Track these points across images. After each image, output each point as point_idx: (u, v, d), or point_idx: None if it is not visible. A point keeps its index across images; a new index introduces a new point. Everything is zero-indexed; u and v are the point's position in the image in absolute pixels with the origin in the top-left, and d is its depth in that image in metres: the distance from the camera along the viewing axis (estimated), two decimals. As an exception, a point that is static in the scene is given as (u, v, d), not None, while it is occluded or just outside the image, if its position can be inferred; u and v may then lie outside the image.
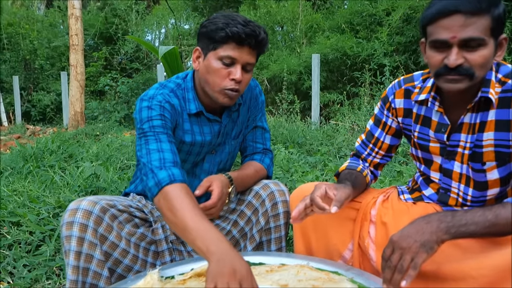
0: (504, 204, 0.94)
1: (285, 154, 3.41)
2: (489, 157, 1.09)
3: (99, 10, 10.92)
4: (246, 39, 1.19)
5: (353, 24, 7.65)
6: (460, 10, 0.94)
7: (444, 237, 0.93)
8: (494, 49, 0.99)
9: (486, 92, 1.04)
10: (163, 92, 1.28)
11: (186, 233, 1.01)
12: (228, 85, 1.22)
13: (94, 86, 9.33)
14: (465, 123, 1.11)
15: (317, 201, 1.08)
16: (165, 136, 1.21)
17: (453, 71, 0.99)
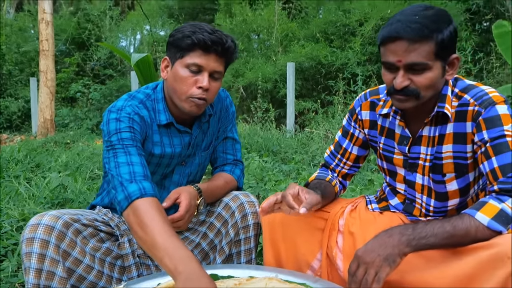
0: (461, 215, 0.97)
1: (259, 163, 3.41)
2: (448, 169, 1.13)
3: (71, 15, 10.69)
4: (212, 46, 1.18)
5: (328, 33, 7.81)
6: (403, 37, 0.99)
7: (406, 250, 0.95)
8: (441, 70, 1.04)
9: (442, 107, 1.09)
10: (132, 104, 1.25)
11: (154, 250, 1.00)
12: (195, 93, 1.21)
13: (65, 92, 9.11)
14: (424, 136, 1.14)
15: (288, 199, 1.10)
16: (134, 149, 1.18)
17: (400, 92, 1.04)
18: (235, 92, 7.85)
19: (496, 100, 1.03)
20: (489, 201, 0.96)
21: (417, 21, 0.99)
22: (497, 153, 1.00)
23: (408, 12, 1.02)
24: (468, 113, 1.06)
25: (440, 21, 1.00)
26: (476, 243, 0.95)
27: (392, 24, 1.01)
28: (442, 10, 1.04)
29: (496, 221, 0.93)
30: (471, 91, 1.08)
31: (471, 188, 1.15)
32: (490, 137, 1.02)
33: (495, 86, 6.05)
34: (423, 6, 1.03)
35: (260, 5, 8.72)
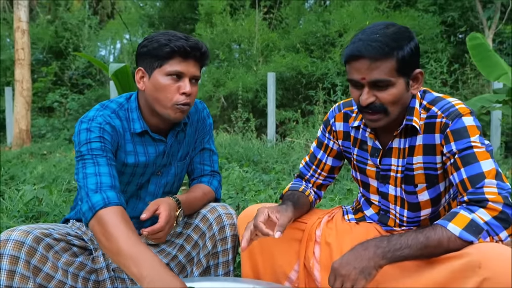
0: (434, 226, 0.99)
1: (239, 173, 3.40)
2: (419, 180, 1.15)
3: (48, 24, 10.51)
4: (191, 52, 1.21)
5: (308, 44, 7.92)
6: (364, 56, 1.02)
7: (381, 262, 0.96)
8: (405, 86, 1.07)
9: (410, 120, 1.12)
10: (103, 114, 1.25)
11: (120, 258, 1.01)
12: (180, 100, 1.22)
13: (42, 102, 8.91)
14: (395, 148, 1.17)
15: (261, 227, 1.09)
16: (104, 159, 1.18)
17: (367, 108, 1.07)
18: (216, 102, 7.85)
19: (462, 112, 1.07)
20: (460, 212, 0.98)
21: (377, 39, 1.02)
22: (465, 165, 1.03)
23: (369, 31, 1.05)
24: (436, 125, 1.09)
25: (401, 39, 1.03)
26: (449, 253, 0.96)
27: (354, 43, 1.04)
28: (403, 27, 1.07)
29: (467, 232, 0.95)
30: (439, 103, 1.11)
31: (442, 197, 1.18)
32: (458, 149, 1.04)
33: (470, 96, 6.25)
34: (384, 24, 1.06)
35: (241, 15, 8.79)
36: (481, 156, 1.02)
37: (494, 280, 0.88)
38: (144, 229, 1.15)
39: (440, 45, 7.06)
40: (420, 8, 7.48)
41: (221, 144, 4.92)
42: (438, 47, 7.01)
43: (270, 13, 9.11)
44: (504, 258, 0.89)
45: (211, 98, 7.91)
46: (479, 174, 1.00)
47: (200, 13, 8.97)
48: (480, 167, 1.01)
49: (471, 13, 7.38)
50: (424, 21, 7.15)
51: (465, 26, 7.44)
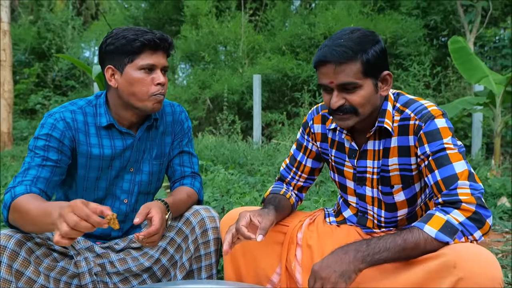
0: (411, 228, 1.01)
1: (224, 175, 3.40)
2: (395, 181, 1.18)
3: (31, 24, 10.33)
4: (160, 44, 1.25)
5: (293, 46, 7.96)
6: (330, 61, 1.06)
7: (361, 266, 0.98)
8: (374, 87, 1.10)
9: (382, 121, 1.14)
10: (65, 110, 1.29)
11: (39, 223, 1.06)
12: (155, 90, 1.26)
13: (24, 104, 8.74)
14: (369, 150, 1.20)
15: (243, 231, 1.10)
16: (39, 159, 1.23)
17: (337, 111, 1.11)
18: (201, 104, 7.82)
19: (434, 114, 1.09)
20: (436, 214, 1.01)
21: (342, 44, 1.06)
22: (439, 166, 1.05)
23: (335, 36, 1.10)
24: (410, 127, 1.12)
25: (364, 42, 1.07)
26: (426, 254, 0.99)
27: (321, 49, 1.09)
28: (369, 31, 1.11)
29: (443, 233, 0.97)
30: (411, 106, 1.14)
31: (418, 198, 1.20)
32: (432, 151, 1.07)
33: (452, 98, 6.36)
34: (350, 30, 1.10)
35: (226, 17, 8.79)
36: (454, 158, 1.05)
37: (469, 279, 0.90)
38: (138, 233, 1.14)
39: (423, 48, 7.18)
40: (404, 12, 7.60)
41: (207, 147, 4.91)
42: (421, 50, 7.13)
43: (256, 15, 9.14)
44: (478, 258, 0.92)
45: (196, 100, 7.88)
46: (452, 176, 1.03)
47: (186, 15, 8.93)
48: (453, 169, 1.03)
49: (453, 17, 7.53)
50: (407, 24, 7.27)
51: (447, 29, 7.59)
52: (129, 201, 1.38)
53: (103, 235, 1.40)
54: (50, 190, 1.25)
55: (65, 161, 1.27)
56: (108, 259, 1.34)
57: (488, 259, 0.92)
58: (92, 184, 1.33)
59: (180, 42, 8.71)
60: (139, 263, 1.36)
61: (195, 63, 8.89)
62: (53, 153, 1.25)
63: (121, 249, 1.38)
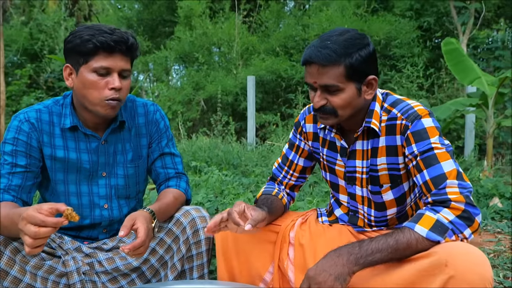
0: (402, 229, 1.01)
1: (219, 176, 3.39)
2: (384, 180, 1.18)
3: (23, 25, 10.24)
4: (116, 46, 1.18)
5: (287, 47, 7.97)
6: (314, 61, 1.07)
7: (355, 268, 0.98)
8: (357, 91, 1.10)
9: (369, 122, 1.15)
10: (32, 109, 1.28)
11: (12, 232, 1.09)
12: (108, 95, 1.20)
13: (16, 106, 8.64)
14: (358, 150, 1.20)
15: (234, 216, 1.11)
16: (8, 167, 1.23)
17: (319, 110, 1.12)
18: (195, 105, 7.80)
19: (421, 114, 1.09)
20: (426, 213, 1.01)
21: (327, 46, 1.06)
22: (427, 166, 1.05)
23: (324, 37, 1.09)
24: (397, 127, 1.12)
25: (350, 46, 1.06)
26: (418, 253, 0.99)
27: (308, 48, 1.09)
28: (358, 34, 1.10)
29: (434, 232, 0.97)
30: (398, 106, 1.14)
31: (407, 197, 1.20)
32: (419, 151, 1.07)
33: (446, 100, 6.40)
34: (339, 31, 1.10)
35: (220, 18, 8.78)
36: (442, 157, 1.05)
37: (460, 277, 0.90)
38: (124, 246, 1.12)
39: (417, 49, 7.22)
40: (397, 13, 7.64)
41: (201, 148, 4.89)
42: (415, 52, 7.16)
43: (249, 16, 9.14)
44: (469, 257, 0.92)
45: (190, 102, 7.86)
46: (441, 175, 1.03)
47: (179, 16, 8.91)
48: (442, 168, 1.04)
49: (446, 19, 7.58)
50: (401, 26, 7.30)
51: (440, 31, 7.63)
52: (109, 206, 1.35)
53: (90, 237, 1.38)
54: (26, 195, 1.24)
55: (35, 164, 1.26)
56: (96, 259, 1.33)
57: (479, 257, 0.92)
58: (62, 188, 1.31)
59: (174, 43, 8.69)
60: (127, 263, 1.34)
61: (189, 64, 8.87)
62: (21, 158, 1.23)
63: (110, 249, 1.37)
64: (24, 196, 1.24)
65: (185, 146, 5.03)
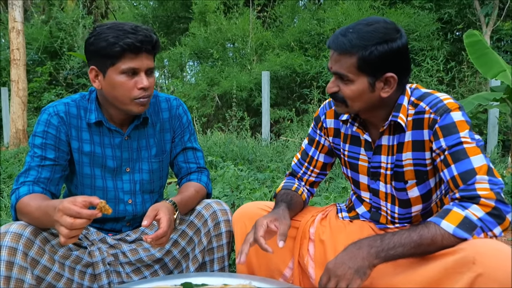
0: (427, 224, 0.98)
1: (234, 171, 3.39)
2: (409, 176, 1.15)
3: (43, 24, 10.43)
4: (142, 47, 1.19)
5: (302, 42, 7.90)
6: (331, 48, 1.08)
7: (375, 261, 0.96)
8: (369, 86, 1.07)
9: (396, 116, 1.11)
10: (61, 103, 1.30)
11: (43, 223, 1.14)
12: (138, 95, 1.22)
13: (37, 102, 8.85)
14: (384, 145, 1.17)
15: (261, 243, 1.08)
16: (38, 159, 1.25)
17: (332, 96, 1.12)
18: (210, 101, 7.82)
19: (450, 107, 1.05)
20: (453, 209, 0.98)
21: (346, 34, 1.04)
22: (456, 161, 1.02)
23: (351, 25, 1.08)
24: (425, 121, 1.09)
25: (370, 39, 1.03)
26: (443, 250, 0.96)
27: (333, 34, 1.08)
28: (386, 28, 1.04)
29: (461, 229, 0.95)
30: (426, 99, 1.10)
31: (433, 193, 1.17)
32: (448, 145, 1.03)
33: (467, 94, 6.24)
34: (366, 21, 1.06)
35: (234, 13, 8.77)
36: (472, 152, 1.01)
37: (489, 276, 0.87)
38: (147, 236, 1.14)
39: (436, 42, 7.05)
40: (416, 5, 7.46)
41: (216, 143, 4.90)
42: (434, 45, 7.00)
43: (264, 11, 9.10)
44: (499, 254, 0.89)
45: (205, 97, 7.88)
46: (470, 170, 1.00)
47: (194, 12, 8.93)
48: (471, 163, 1.00)
49: (468, 10, 7.36)
50: (420, 18, 7.13)
51: (462, 23, 7.43)
52: (133, 201, 1.37)
53: (113, 229, 1.40)
54: (54, 187, 1.26)
55: (63, 157, 1.28)
56: (120, 250, 1.35)
57: (509, 254, 0.88)
58: (88, 182, 1.33)
59: (189, 40, 8.72)
60: (150, 254, 1.36)
61: (204, 60, 8.89)
62: (50, 151, 1.26)
63: (133, 240, 1.39)
64: (53, 188, 1.26)
65: (200, 142, 5.05)
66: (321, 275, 0.99)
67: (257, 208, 1.30)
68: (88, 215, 0.99)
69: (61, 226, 1.00)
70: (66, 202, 1.00)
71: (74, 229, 1.00)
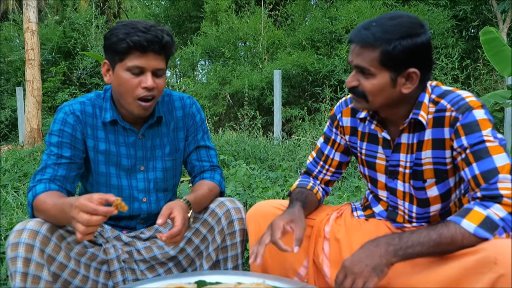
0: (447, 223, 0.96)
1: (246, 170, 3.39)
2: (428, 175, 1.12)
3: (57, 24, 10.58)
4: (149, 46, 1.18)
5: (314, 40, 7.86)
6: (354, 41, 1.06)
7: (393, 260, 0.95)
8: (390, 80, 1.05)
9: (417, 114, 1.09)
10: (76, 102, 1.31)
11: (60, 220, 1.15)
12: (140, 94, 1.21)
13: (51, 101, 8.97)
14: (403, 144, 1.14)
15: (280, 245, 1.08)
16: (54, 158, 1.26)
17: (351, 91, 1.09)
18: (221, 100, 7.83)
19: (473, 105, 1.03)
20: (474, 208, 0.96)
21: (369, 28, 1.03)
22: (478, 160, 1.00)
23: (374, 19, 1.06)
24: (446, 119, 1.06)
25: (393, 33, 1.01)
26: (462, 250, 0.94)
27: (356, 28, 1.07)
28: (411, 23, 1.03)
29: (482, 228, 0.93)
30: (448, 97, 1.08)
31: (453, 193, 1.15)
32: (470, 143, 1.01)
33: (483, 92, 6.14)
34: (390, 15, 1.05)
35: (246, 12, 8.76)
36: (494, 151, 0.99)
37: (511, 276, 0.85)
38: (162, 234, 1.15)
39: (451, 40, 6.94)
40: (431, 2, 7.35)
41: (228, 142, 4.91)
42: (449, 42, 6.89)
43: (275, 10, 9.07)
44: (520, 254, 0.86)
45: (217, 96, 7.90)
46: (492, 170, 0.97)
47: (206, 11, 8.95)
48: (493, 162, 0.98)
49: (484, 7, 7.23)
50: (434, 16, 7.03)
51: (478, 20, 7.29)
52: (148, 199, 1.38)
53: (128, 226, 1.41)
54: (70, 185, 1.28)
55: (79, 155, 1.29)
56: (135, 247, 1.36)
57: (532, 254, 0.86)
58: (103, 180, 1.34)
59: (200, 39, 8.74)
60: (164, 252, 1.37)
61: (215, 60, 8.91)
62: (67, 149, 1.27)
63: (147, 238, 1.40)
64: (68, 186, 1.28)
65: (212, 140, 5.05)
66: (337, 273, 0.98)
67: (271, 206, 1.30)
68: (104, 212, 1.00)
69: (78, 223, 1.01)
70: (82, 199, 1.01)
71: (90, 226, 1.01)
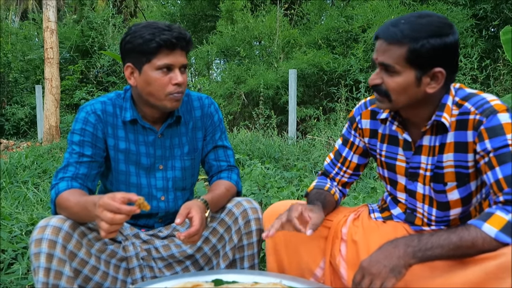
0: (467, 226, 0.95)
1: (261, 169, 3.40)
2: (449, 178, 1.11)
3: (75, 23, 10.75)
4: (177, 43, 1.23)
5: (330, 40, 7.81)
6: (381, 37, 1.05)
7: (412, 261, 0.94)
8: (415, 79, 1.03)
9: (440, 115, 1.08)
10: (98, 101, 1.34)
11: (82, 218, 1.17)
12: (173, 90, 1.25)
13: (69, 99, 9.14)
14: (425, 146, 1.14)
15: (295, 222, 1.09)
16: (76, 156, 1.29)
17: (374, 89, 1.08)
18: (236, 99, 7.85)
19: (497, 109, 1.01)
20: (496, 212, 0.95)
21: (398, 25, 1.02)
22: (501, 163, 0.98)
23: (403, 16, 1.05)
24: (469, 122, 1.05)
25: (422, 31, 1.00)
26: (482, 254, 0.93)
27: (383, 25, 1.06)
28: (440, 22, 1.02)
29: (504, 233, 0.92)
30: (472, 99, 1.06)
31: (474, 197, 1.13)
32: (493, 147, 1.00)
33: (502, 94, 5.99)
34: (418, 14, 1.04)
35: (261, 11, 8.75)
36: None
37: (531, 282, 0.84)
38: (180, 233, 1.17)
39: (470, 39, 6.80)
40: (450, 1, 7.22)
41: (242, 141, 4.93)
42: (468, 42, 6.75)
43: (291, 9, 9.04)
44: (542, 260, 0.85)
45: (231, 95, 7.92)
46: None
47: (221, 10, 8.97)
48: None
49: (505, 5, 7.06)
50: (453, 15, 6.88)
51: (498, 19, 7.12)
52: (166, 198, 1.40)
53: (146, 225, 1.43)
54: (91, 183, 1.30)
55: (100, 154, 1.32)
56: (153, 245, 1.38)
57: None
58: (123, 179, 1.37)
59: (216, 38, 8.78)
60: (182, 250, 1.39)
61: (230, 59, 8.93)
62: (88, 148, 1.30)
63: (165, 236, 1.42)
64: (90, 184, 1.31)
65: (227, 139, 5.07)
66: (355, 273, 0.98)
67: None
68: (128, 211, 1.02)
69: (102, 221, 1.03)
70: (106, 198, 1.03)
71: (114, 224, 1.03)
